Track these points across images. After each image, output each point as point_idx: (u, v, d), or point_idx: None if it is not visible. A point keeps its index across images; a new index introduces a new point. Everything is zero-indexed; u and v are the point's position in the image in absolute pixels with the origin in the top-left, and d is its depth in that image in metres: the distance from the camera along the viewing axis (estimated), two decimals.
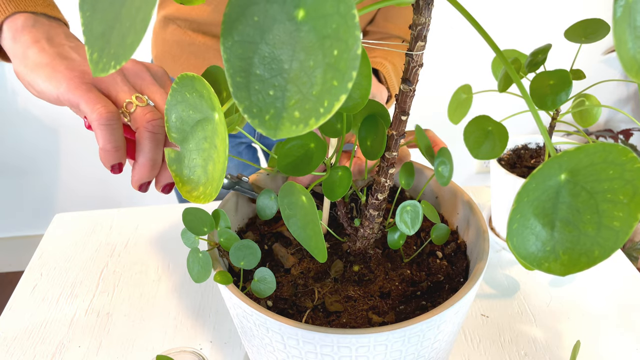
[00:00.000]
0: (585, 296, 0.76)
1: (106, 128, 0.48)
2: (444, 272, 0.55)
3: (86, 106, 0.48)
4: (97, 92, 0.49)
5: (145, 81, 0.53)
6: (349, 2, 0.21)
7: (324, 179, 0.47)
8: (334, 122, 0.46)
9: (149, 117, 0.49)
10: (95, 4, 0.25)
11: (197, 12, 0.91)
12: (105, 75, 0.24)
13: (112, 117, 0.47)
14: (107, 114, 0.47)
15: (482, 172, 2.13)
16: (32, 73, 0.50)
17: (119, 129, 0.49)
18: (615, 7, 0.24)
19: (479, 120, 0.47)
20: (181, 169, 0.35)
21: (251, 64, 0.24)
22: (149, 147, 0.49)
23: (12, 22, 0.51)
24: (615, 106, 2.02)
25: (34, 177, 1.92)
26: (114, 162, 0.50)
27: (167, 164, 0.37)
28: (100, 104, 0.47)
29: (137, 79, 0.52)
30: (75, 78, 0.49)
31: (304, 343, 0.44)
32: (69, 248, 0.86)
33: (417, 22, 0.38)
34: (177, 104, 0.34)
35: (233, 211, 0.59)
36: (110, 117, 0.47)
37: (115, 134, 0.48)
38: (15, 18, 0.51)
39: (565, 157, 0.29)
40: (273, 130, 0.23)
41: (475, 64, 1.68)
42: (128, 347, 0.69)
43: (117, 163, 0.50)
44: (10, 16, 0.51)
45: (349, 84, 0.22)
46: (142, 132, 0.49)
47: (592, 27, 0.62)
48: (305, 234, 0.40)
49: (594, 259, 0.29)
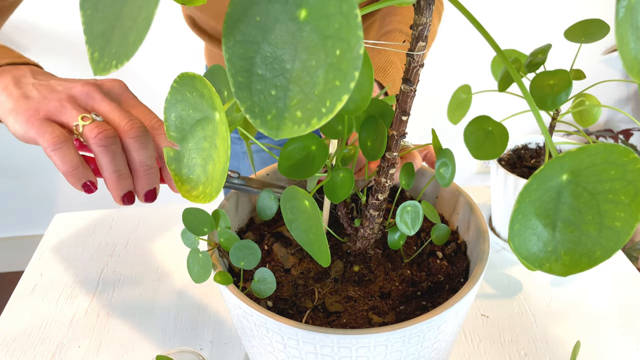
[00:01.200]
0: (586, 296, 0.76)
1: (56, 152, 0.50)
2: (444, 273, 0.55)
3: (38, 138, 0.50)
4: (49, 123, 0.51)
5: (95, 100, 0.54)
6: (351, 2, 0.21)
7: (326, 181, 0.47)
8: (335, 124, 0.46)
9: (95, 132, 0.50)
10: (97, 3, 0.25)
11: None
12: (107, 74, 0.24)
13: (59, 141, 0.50)
14: (53, 139, 0.50)
15: (482, 172, 2.13)
16: (5, 119, 0.54)
17: (70, 150, 0.51)
18: (617, 7, 0.24)
19: (479, 121, 0.47)
20: (180, 168, 0.35)
21: (253, 63, 0.24)
22: (105, 160, 0.51)
23: None
24: (615, 106, 2.02)
25: (34, 177, 1.91)
26: (81, 181, 0.52)
27: (166, 163, 0.36)
28: (47, 132, 0.50)
29: (88, 100, 0.54)
30: (31, 116, 0.52)
31: (304, 343, 0.44)
32: (69, 248, 0.86)
33: (418, 22, 0.38)
34: (177, 103, 0.34)
35: (233, 211, 0.59)
36: (57, 142, 0.50)
37: (67, 155, 0.50)
38: None
39: (566, 158, 0.29)
40: (275, 130, 0.23)
41: (475, 64, 1.68)
42: (128, 347, 0.69)
43: (85, 182, 0.52)
44: None
45: (351, 83, 0.22)
46: (93, 148, 0.51)
47: (592, 27, 0.62)
48: (308, 239, 0.40)
49: (596, 260, 0.29)
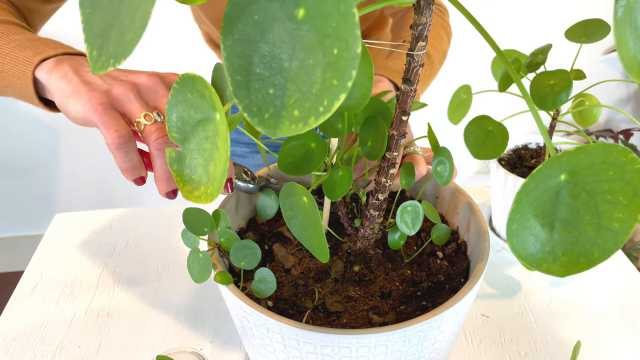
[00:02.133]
0: (585, 296, 0.76)
1: (119, 152, 0.51)
2: (444, 273, 0.55)
3: (101, 129, 0.51)
4: (113, 112, 0.52)
5: (158, 94, 0.55)
6: (349, 1, 0.21)
7: (324, 178, 0.47)
8: (335, 122, 0.46)
9: (155, 136, 0.51)
10: (95, 2, 0.25)
11: None
12: (104, 72, 0.24)
13: (123, 142, 0.51)
14: (118, 138, 0.50)
15: (482, 172, 2.12)
16: (65, 103, 0.54)
17: (132, 150, 0.52)
18: (616, 7, 0.24)
19: (479, 121, 0.47)
20: (182, 169, 0.35)
21: (251, 62, 0.24)
22: (160, 163, 0.52)
23: (41, 69, 0.56)
24: (615, 106, 2.02)
25: (34, 177, 1.92)
26: (134, 177, 0.54)
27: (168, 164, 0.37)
28: (113, 127, 0.51)
29: (152, 93, 0.55)
30: (93, 99, 0.52)
31: (305, 343, 0.44)
32: (69, 248, 0.86)
33: (418, 22, 0.38)
34: (178, 104, 0.34)
35: (233, 211, 0.59)
36: (122, 142, 0.51)
37: (129, 154, 0.52)
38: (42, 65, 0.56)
39: (565, 158, 0.29)
40: (272, 129, 0.23)
41: (475, 64, 1.68)
42: (128, 347, 0.69)
43: (138, 177, 0.54)
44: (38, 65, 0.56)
45: (348, 82, 0.22)
46: (150, 150, 0.52)
47: (592, 27, 0.61)
48: (307, 235, 0.40)
49: (594, 260, 0.29)
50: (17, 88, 0.58)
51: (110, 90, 0.53)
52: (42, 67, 0.56)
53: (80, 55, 0.59)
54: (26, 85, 0.57)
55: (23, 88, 0.58)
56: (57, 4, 0.75)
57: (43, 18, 0.75)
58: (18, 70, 0.57)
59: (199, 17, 0.98)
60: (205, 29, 1.02)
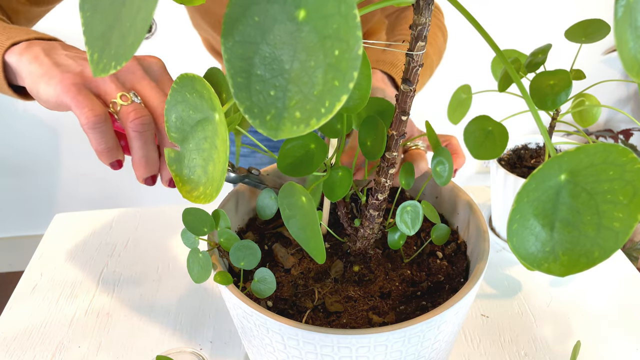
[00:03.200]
0: (585, 296, 0.76)
1: (94, 132, 0.49)
2: (444, 273, 0.55)
3: (75, 109, 0.49)
4: (87, 92, 0.50)
5: (135, 76, 0.53)
6: (350, 3, 0.21)
7: (324, 179, 0.47)
8: (334, 123, 0.46)
9: (132, 116, 0.49)
10: (96, 4, 0.25)
11: None
12: (106, 75, 0.24)
13: (99, 121, 0.49)
14: (94, 117, 0.48)
15: (482, 172, 2.13)
16: (36, 86, 0.52)
17: (108, 130, 0.50)
18: (616, 7, 0.24)
19: (479, 120, 0.47)
20: (181, 169, 0.35)
21: (252, 64, 0.24)
22: (137, 145, 0.50)
23: (12, 53, 0.54)
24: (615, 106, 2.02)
25: (34, 177, 1.92)
26: (110, 160, 0.52)
27: (166, 164, 0.37)
28: (87, 107, 0.49)
29: (128, 74, 0.53)
30: (66, 79, 0.50)
31: (304, 343, 0.44)
32: (69, 248, 0.86)
33: (417, 22, 0.38)
34: (177, 104, 0.34)
35: (233, 211, 0.59)
36: (97, 121, 0.49)
37: (104, 135, 0.50)
38: (13, 49, 0.54)
39: (565, 158, 0.29)
40: (274, 130, 0.23)
41: (475, 64, 1.68)
42: (128, 347, 0.69)
43: (115, 160, 0.52)
44: (8, 49, 0.54)
45: (350, 84, 0.22)
46: (128, 131, 0.50)
47: (592, 27, 0.62)
48: (304, 235, 0.40)
49: (594, 260, 0.29)
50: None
51: (84, 71, 0.51)
52: (12, 51, 0.54)
53: (53, 40, 0.57)
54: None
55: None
56: (45, 7, 0.74)
57: (30, 21, 0.73)
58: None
59: (198, 24, 0.98)
60: (205, 35, 1.02)
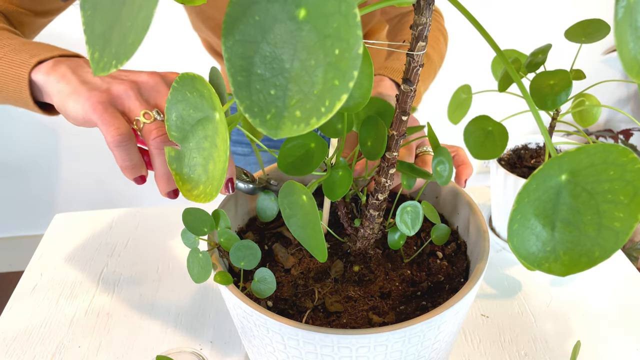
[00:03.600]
0: (585, 296, 0.76)
1: (119, 149, 0.51)
2: (444, 273, 0.55)
3: (102, 127, 0.51)
4: (113, 110, 0.52)
5: (160, 93, 0.54)
6: (350, 2, 0.21)
7: (324, 178, 0.47)
8: (335, 122, 0.46)
9: (154, 134, 0.51)
10: (97, 3, 0.25)
11: None
12: (106, 74, 0.24)
13: (124, 140, 0.50)
14: (118, 136, 0.50)
15: (482, 172, 2.12)
16: (64, 103, 0.54)
17: (132, 148, 0.52)
18: (616, 7, 0.24)
19: (479, 120, 0.47)
20: (181, 168, 0.35)
21: (252, 63, 0.24)
22: (159, 162, 0.51)
23: (38, 71, 0.56)
24: (615, 106, 2.02)
25: (34, 177, 1.91)
26: (134, 176, 0.54)
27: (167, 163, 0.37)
28: (113, 126, 0.50)
29: (152, 91, 0.54)
30: (93, 98, 0.51)
31: (304, 343, 0.44)
32: (69, 248, 0.86)
33: (418, 22, 0.38)
34: (178, 103, 0.34)
35: (233, 211, 0.59)
36: (122, 140, 0.50)
37: (129, 152, 0.51)
38: (40, 67, 0.56)
39: (565, 158, 0.29)
40: (274, 129, 0.23)
41: (475, 64, 1.68)
42: (128, 347, 0.69)
43: (138, 176, 0.54)
44: (34, 67, 0.56)
45: (350, 83, 0.22)
46: (150, 148, 0.51)
47: (592, 27, 0.62)
48: (305, 234, 0.40)
49: (595, 260, 0.29)
50: (10, 91, 0.58)
51: (110, 89, 0.53)
52: (39, 69, 0.56)
53: (77, 57, 0.59)
54: (21, 87, 0.56)
55: (17, 91, 0.57)
56: (49, 18, 0.76)
57: (35, 31, 0.76)
58: (13, 73, 0.56)
59: (198, 27, 0.99)
60: (204, 36, 1.02)
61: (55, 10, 0.76)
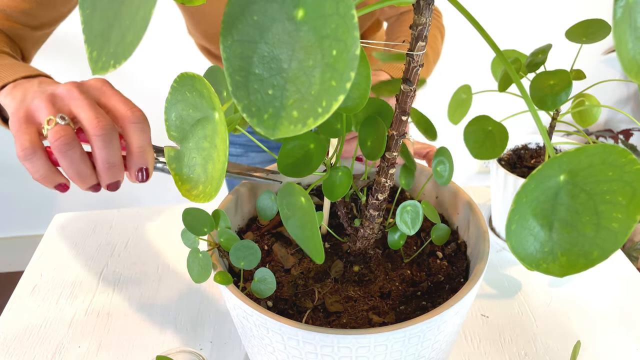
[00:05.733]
0: (585, 296, 0.76)
1: (25, 163, 0.52)
2: (444, 273, 0.55)
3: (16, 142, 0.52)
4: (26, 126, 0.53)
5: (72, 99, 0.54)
6: (348, 3, 0.21)
7: (324, 179, 0.47)
8: (334, 122, 0.46)
9: (54, 138, 0.51)
10: (95, 2, 0.25)
11: None
12: (105, 73, 0.24)
13: (27, 154, 0.51)
14: (22, 152, 0.51)
15: (482, 172, 2.12)
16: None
17: (38, 160, 0.52)
18: (615, 7, 0.24)
19: (479, 120, 0.47)
20: (180, 168, 0.35)
21: (250, 63, 0.24)
22: (64, 164, 0.52)
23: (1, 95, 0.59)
24: (615, 106, 2.02)
25: None
26: (52, 185, 0.54)
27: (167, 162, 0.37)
28: (19, 141, 0.52)
29: (65, 100, 0.55)
30: (14, 115, 0.54)
31: (304, 343, 0.44)
32: (69, 248, 0.86)
33: (417, 22, 0.38)
34: (177, 103, 0.34)
35: (233, 211, 0.59)
36: (25, 155, 0.51)
37: (34, 165, 0.52)
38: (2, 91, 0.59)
39: (564, 158, 0.29)
40: (271, 129, 0.23)
41: (475, 64, 1.67)
42: (128, 347, 0.69)
43: (58, 184, 0.54)
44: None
45: (347, 84, 0.22)
46: (54, 152, 0.52)
47: (592, 27, 0.62)
48: (303, 235, 0.40)
49: (593, 260, 0.29)
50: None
51: (30, 105, 0.54)
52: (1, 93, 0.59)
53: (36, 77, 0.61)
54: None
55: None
56: (46, 30, 0.78)
57: (35, 44, 0.78)
58: None
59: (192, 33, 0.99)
60: (199, 41, 1.03)
61: (52, 22, 0.79)
